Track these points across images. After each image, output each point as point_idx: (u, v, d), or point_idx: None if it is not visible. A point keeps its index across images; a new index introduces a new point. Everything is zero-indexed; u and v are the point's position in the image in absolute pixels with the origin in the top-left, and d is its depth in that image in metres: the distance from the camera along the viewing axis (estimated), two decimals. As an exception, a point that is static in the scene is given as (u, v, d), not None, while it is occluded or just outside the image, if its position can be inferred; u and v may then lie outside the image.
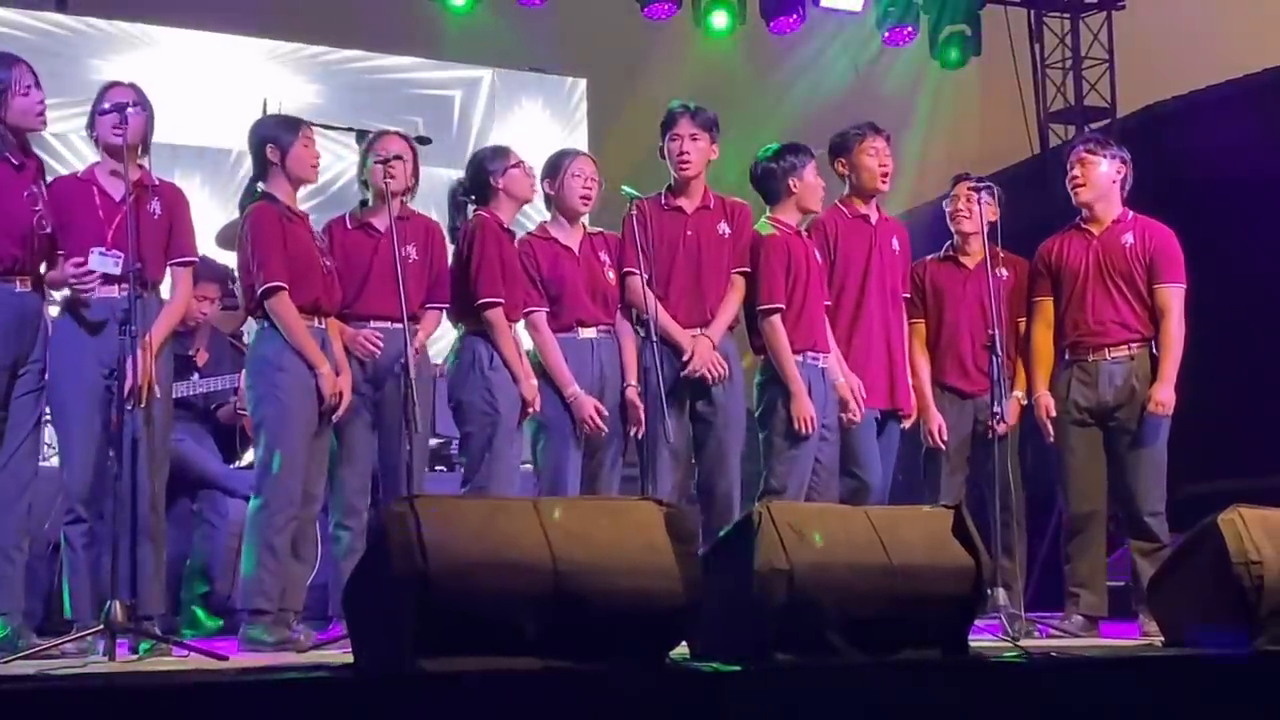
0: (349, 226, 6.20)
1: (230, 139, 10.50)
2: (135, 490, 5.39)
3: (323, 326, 5.92)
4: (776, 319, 6.43)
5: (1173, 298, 6.55)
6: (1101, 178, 6.66)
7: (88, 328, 5.60)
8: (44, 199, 5.63)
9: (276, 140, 5.99)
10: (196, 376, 7.20)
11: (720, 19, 11.09)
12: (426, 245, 6.20)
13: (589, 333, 6.35)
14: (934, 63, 11.80)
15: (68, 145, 9.96)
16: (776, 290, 6.44)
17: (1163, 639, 5.46)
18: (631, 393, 6.32)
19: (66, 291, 5.73)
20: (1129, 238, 6.61)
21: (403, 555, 3.99)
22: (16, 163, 5.58)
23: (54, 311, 5.93)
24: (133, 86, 5.79)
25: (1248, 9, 11.76)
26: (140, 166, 5.75)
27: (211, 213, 9.32)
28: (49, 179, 5.83)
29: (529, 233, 6.50)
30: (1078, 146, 6.88)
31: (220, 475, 7.28)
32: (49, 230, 5.62)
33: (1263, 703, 4.80)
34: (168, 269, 5.82)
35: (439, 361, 6.91)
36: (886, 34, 11.60)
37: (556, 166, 6.45)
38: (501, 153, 6.48)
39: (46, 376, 5.64)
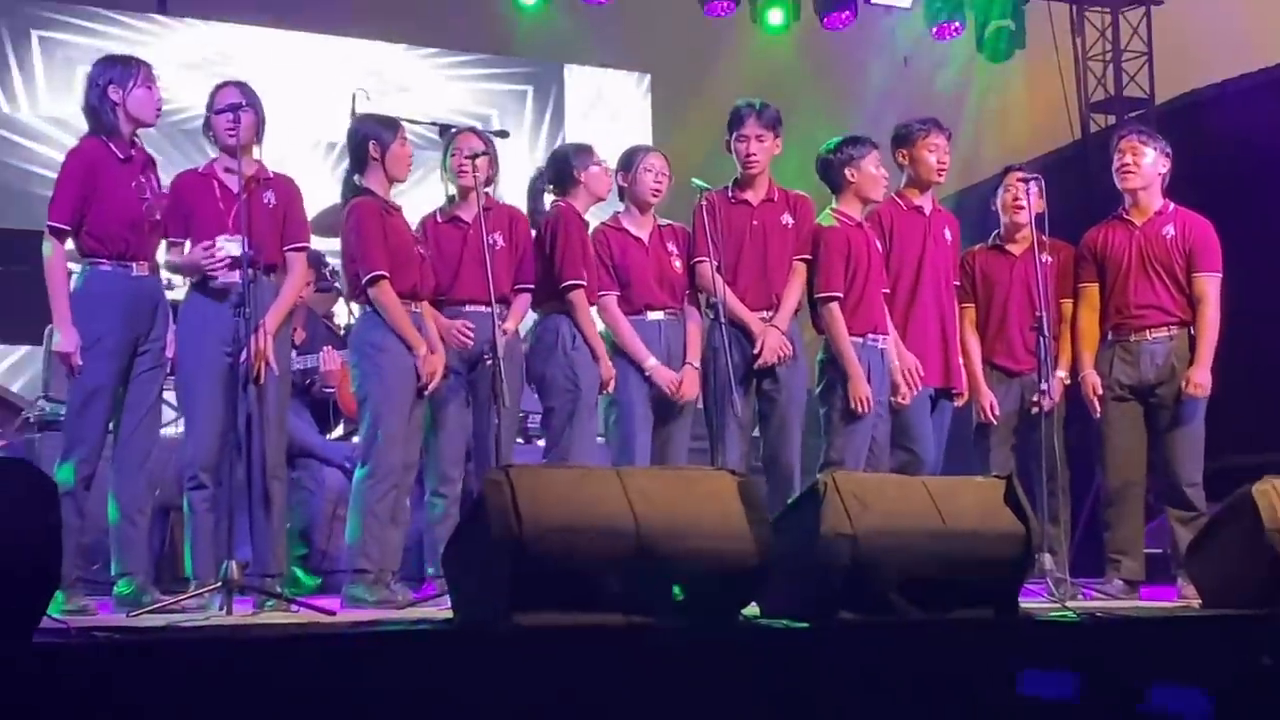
0: (439, 220, 6.27)
1: (321, 131, 10.68)
2: (254, 460, 5.51)
3: (419, 311, 5.99)
4: (834, 306, 6.46)
5: (1209, 286, 6.56)
6: (1149, 168, 6.67)
7: (211, 310, 5.68)
8: (150, 188, 5.70)
9: (379, 138, 6.05)
10: (294, 354, 7.30)
11: (776, 16, 11.13)
12: (511, 233, 6.25)
13: (656, 315, 6.40)
14: (980, 55, 11.83)
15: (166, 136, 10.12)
16: (835, 279, 6.46)
17: (1200, 602, 5.48)
18: (689, 370, 6.35)
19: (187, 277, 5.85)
20: (1170, 229, 6.62)
21: (500, 520, 4.07)
22: (123, 156, 5.65)
23: (173, 295, 6.08)
24: (242, 86, 5.86)
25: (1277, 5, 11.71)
26: (255, 160, 5.84)
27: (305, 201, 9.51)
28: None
29: (603, 223, 6.54)
30: (1129, 135, 6.84)
31: (317, 446, 7.35)
32: (158, 218, 5.70)
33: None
34: (284, 254, 5.88)
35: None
36: (935, 29, 11.61)
37: (630, 161, 6.51)
38: (585, 150, 6.53)
39: (169, 354, 5.73)
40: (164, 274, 5.99)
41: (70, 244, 5.67)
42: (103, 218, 5.57)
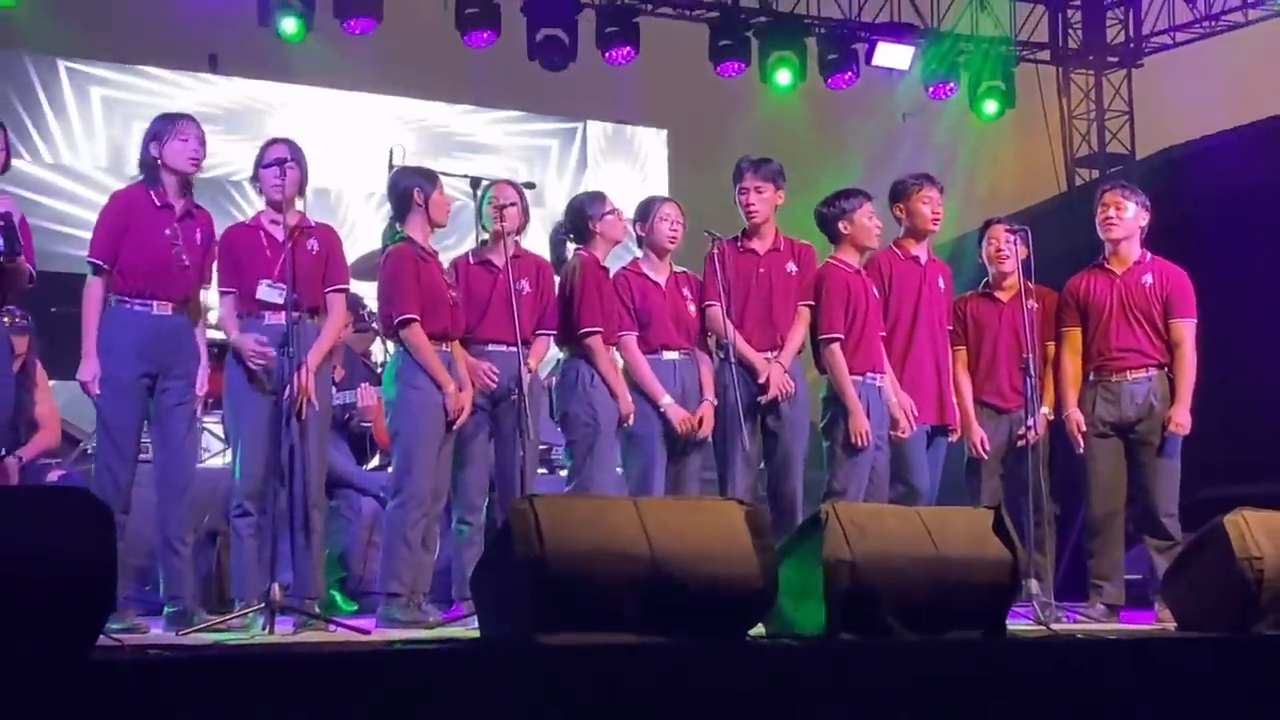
0: (471, 262, 6.29)
1: (358, 182, 10.74)
2: (296, 490, 5.53)
3: (448, 351, 6.00)
4: (835, 347, 6.47)
5: (1186, 331, 6.58)
6: (1130, 220, 6.67)
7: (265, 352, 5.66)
8: (185, 237, 5.65)
9: (421, 187, 6.06)
10: (334, 390, 7.32)
11: (784, 77, 11.21)
12: (537, 280, 6.27)
13: (672, 355, 6.41)
14: (973, 114, 11.87)
15: (214, 184, 10.17)
16: (835, 322, 6.48)
17: (1175, 625, 5.48)
18: (707, 406, 6.37)
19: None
20: (1149, 278, 6.63)
21: (524, 545, 4.09)
22: (160, 203, 5.63)
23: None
24: (288, 142, 5.89)
25: (1253, 66, 11.75)
26: (298, 211, 5.86)
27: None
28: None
29: (624, 267, 6.55)
30: (1112, 189, 6.84)
31: (354, 476, 7.37)
32: (188, 263, 5.64)
33: (1263, 680, 4.82)
34: (325, 296, 5.89)
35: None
36: (931, 89, 11.69)
37: (647, 210, 6.53)
38: (599, 198, 6.54)
39: (200, 391, 5.70)
40: (213, 315, 6.03)
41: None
42: (131, 258, 5.57)
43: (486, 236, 6.36)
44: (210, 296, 6.11)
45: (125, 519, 5.50)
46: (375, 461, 7.77)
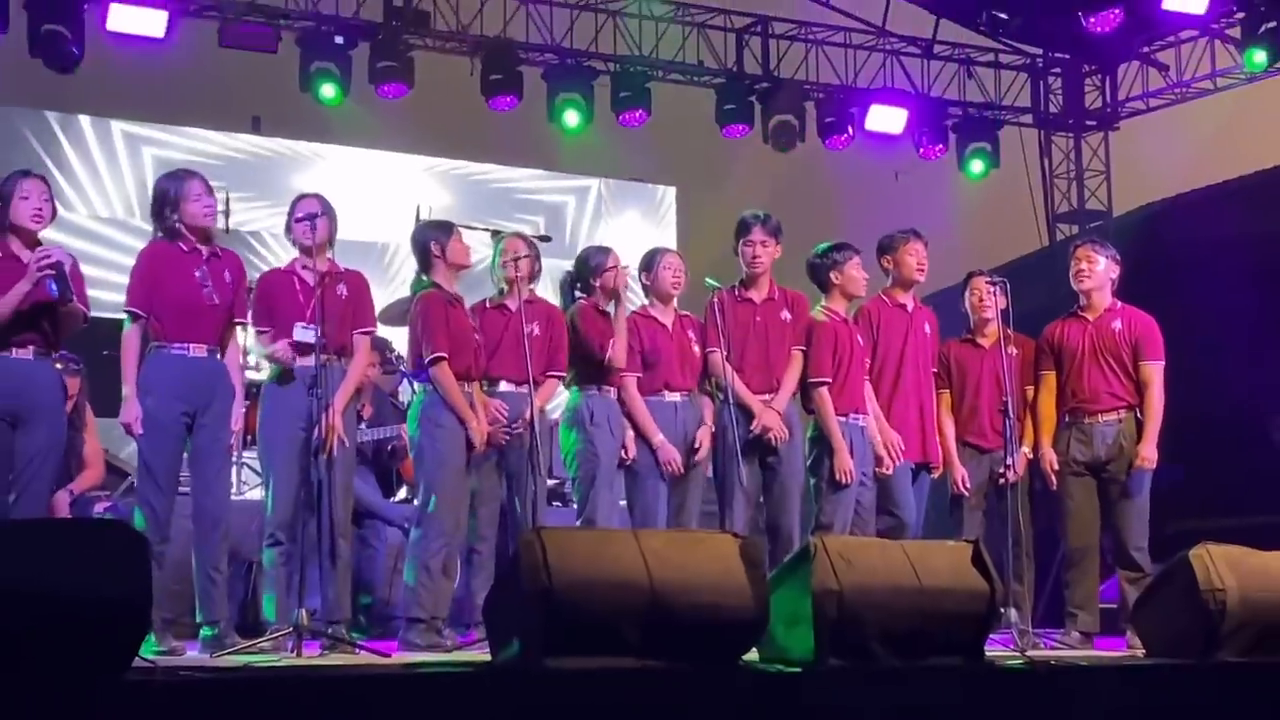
0: (487, 306, 6.27)
1: (387, 235, 10.78)
2: (323, 521, 5.53)
3: (470, 391, 5.99)
4: (824, 390, 6.46)
5: (1154, 373, 6.55)
6: (1101, 273, 6.66)
7: (289, 390, 5.70)
8: (215, 279, 5.63)
9: (437, 239, 6.09)
10: (363, 427, 7.23)
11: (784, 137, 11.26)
12: (548, 325, 6.25)
13: (675, 396, 6.38)
14: (961, 173, 11.90)
15: (260, 240, 10.26)
16: (823, 367, 6.46)
17: (1144, 651, 5.45)
18: (705, 430, 6.35)
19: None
20: (1118, 324, 6.60)
21: (532, 575, 4.08)
22: (187, 249, 5.62)
23: (256, 376, 6.08)
24: (319, 197, 5.92)
25: (1220, 130, 11.79)
26: (329, 259, 5.86)
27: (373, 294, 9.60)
28: (249, 269, 5.93)
29: (634, 311, 6.52)
30: (1084, 244, 6.84)
31: (381, 508, 7.33)
32: (218, 303, 5.63)
33: (1225, 704, 4.82)
34: (353, 336, 5.89)
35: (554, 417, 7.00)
36: (922, 150, 11.73)
37: (651, 261, 6.53)
38: (603, 253, 6.52)
39: (236, 427, 5.68)
40: (253, 357, 6.03)
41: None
42: (165, 305, 5.56)
43: (502, 285, 6.33)
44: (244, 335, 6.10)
45: (165, 548, 5.49)
46: (403, 494, 7.76)
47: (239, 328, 5.87)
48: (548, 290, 6.78)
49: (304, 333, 5.68)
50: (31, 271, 5.25)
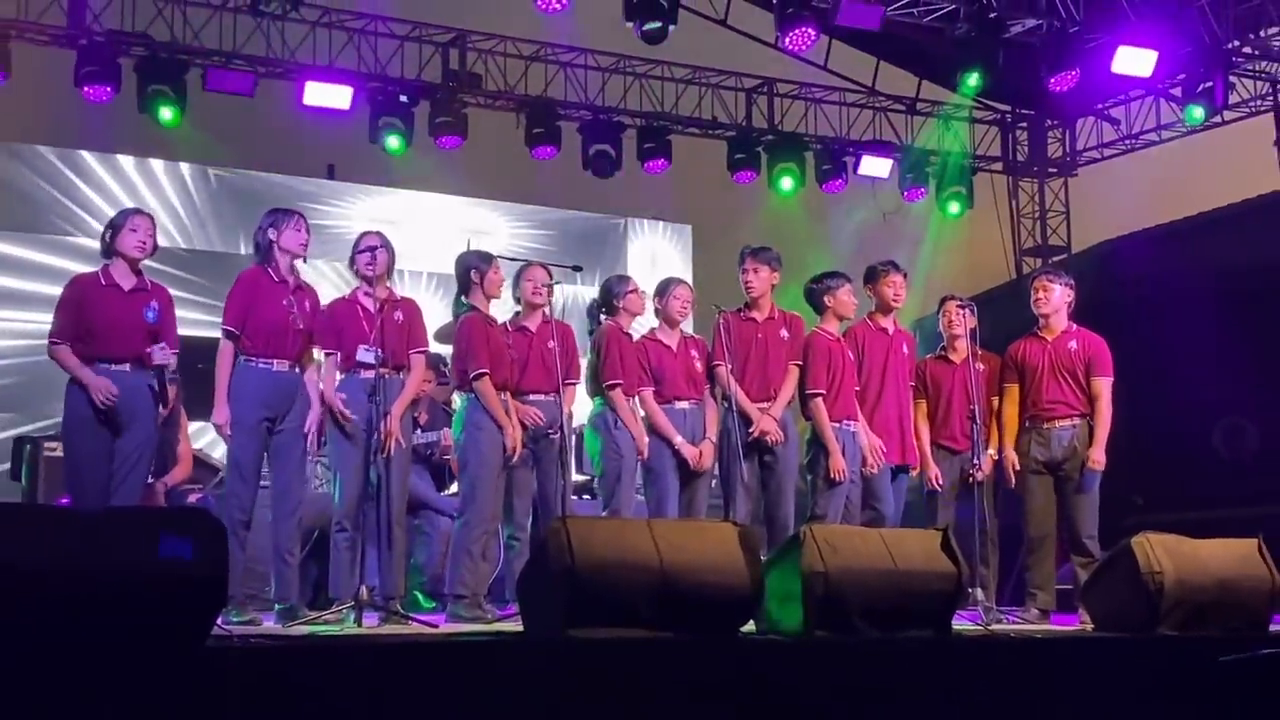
0: (509, 329, 6.20)
1: (443, 266, 10.76)
2: (382, 511, 5.51)
3: (506, 399, 5.98)
4: (818, 400, 6.43)
5: (1104, 387, 6.48)
6: (1057, 298, 6.60)
7: (354, 399, 5.66)
8: (299, 306, 5.66)
9: (478, 267, 6.06)
10: (419, 431, 7.30)
11: (786, 182, 11.25)
12: (563, 341, 6.20)
13: (683, 405, 6.34)
14: (939, 212, 11.88)
15: (337, 272, 10.26)
16: (818, 380, 6.44)
17: (1094, 626, 5.44)
18: (707, 444, 6.32)
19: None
20: (1074, 343, 6.54)
21: (558, 557, 4.10)
22: (278, 279, 5.64)
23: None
24: (379, 233, 5.90)
25: (1166, 177, 11.73)
26: (387, 288, 5.87)
27: (433, 317, 9.62)
28: (322, 298, 5.91)
29: (644, 335, 6.48)
30: (1040, 275, 6.81)
31: (434, 500, 7.36)
32: (301, 327, 5.65)
33: (1165, 672, 4.79)
34: (410, 356, 5.87)
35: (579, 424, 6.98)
36: (906, 192, 11.70)
37: (664, 290, 6.50)
38: (624, 280, 6.54)
39: (306, 430, 5.65)
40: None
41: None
42: (256, 325, 5.57)
43: (520, 309, 6.32)
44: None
45: (247, 535, 5.51)
46: (454, 488, 7.73)
47: (314, 348, 5.86)
48: (577, 313, 6.73)
49: (367, 354, 5.66)
50: (96, 392, 5.30)
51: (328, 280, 9.82)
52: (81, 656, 3.36)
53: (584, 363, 6.49)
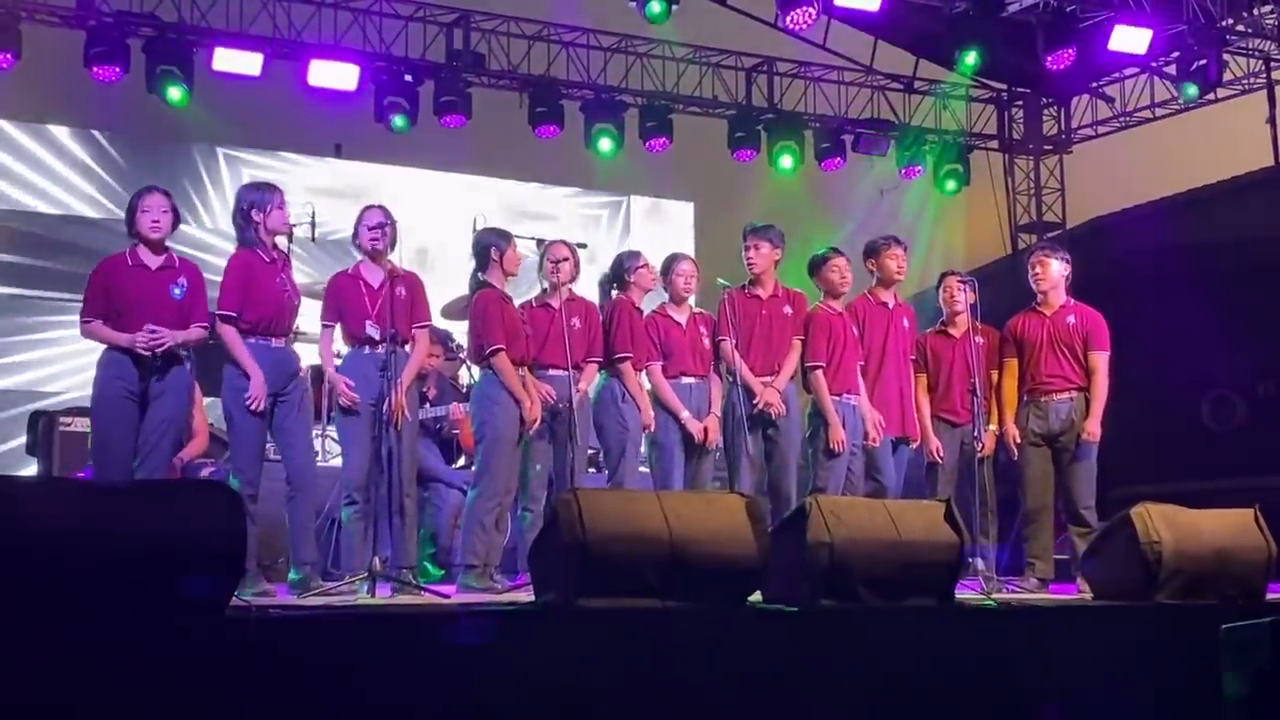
0: (534, 305, 6.24)
1: (446, 242, 10.74)
2: (392, 482, 5.48)
3: (523, 374, 5.97)
4: (819, 373, 6.43)
5: (1101, 361, 6.48)
6: (1055, 274, 6.59)
7: (362, 372, 5.66)
8: (291, 282, 5.63)
9: (497, 245, 6.03)
10: (428, 406, 7.28)
11: (786, 160, 11.16)
12: (586, 319, 6.22)
13: (689, 380, 6.35)
14: (936, 190, 11.84)
15: (341, 248, 10.21)
16: (819, 353, 6.44)
17: (1092, 595, 5.45)
18: (712, 419, 6.32)
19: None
20: (1072, 318, 6.54)
21: (569, 528, 4.11)
22: (268, 259, 5.57)
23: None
24: (383, 208, 5.83)
25: (1158, 153, 11.69)
26: (390, 263, 5.82)
27: (435, 293, 9.60)
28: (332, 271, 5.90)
29: (653, 311, 6.49)
30: (1037, 251, 6.79)
31: (443, 473, 7.34)
32: (297, 304, 5.63)
33: (1162, 639, 4.81)
34: (412, 330, 5.84)
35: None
36: (903, 170, 11.65)
37: (669, 267, 6.50)
38: (634, 255, 6.53)
39: (302, 400, 5.60)
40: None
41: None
42: (254, 306, 5.51)
43: (545, 286, 6.32)
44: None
45: (255, 508, 5.45)
46: (461, 461, 7.76)
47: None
48: (588, 290, 6.71)
49: (373, 328, 5.64)
50: (136, 343, 5.27)
51: (342, 258, 9.78)
52: (104, 626, 3.37)
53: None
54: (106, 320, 5.35)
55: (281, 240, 5.75)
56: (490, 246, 6.07)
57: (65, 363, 9.80)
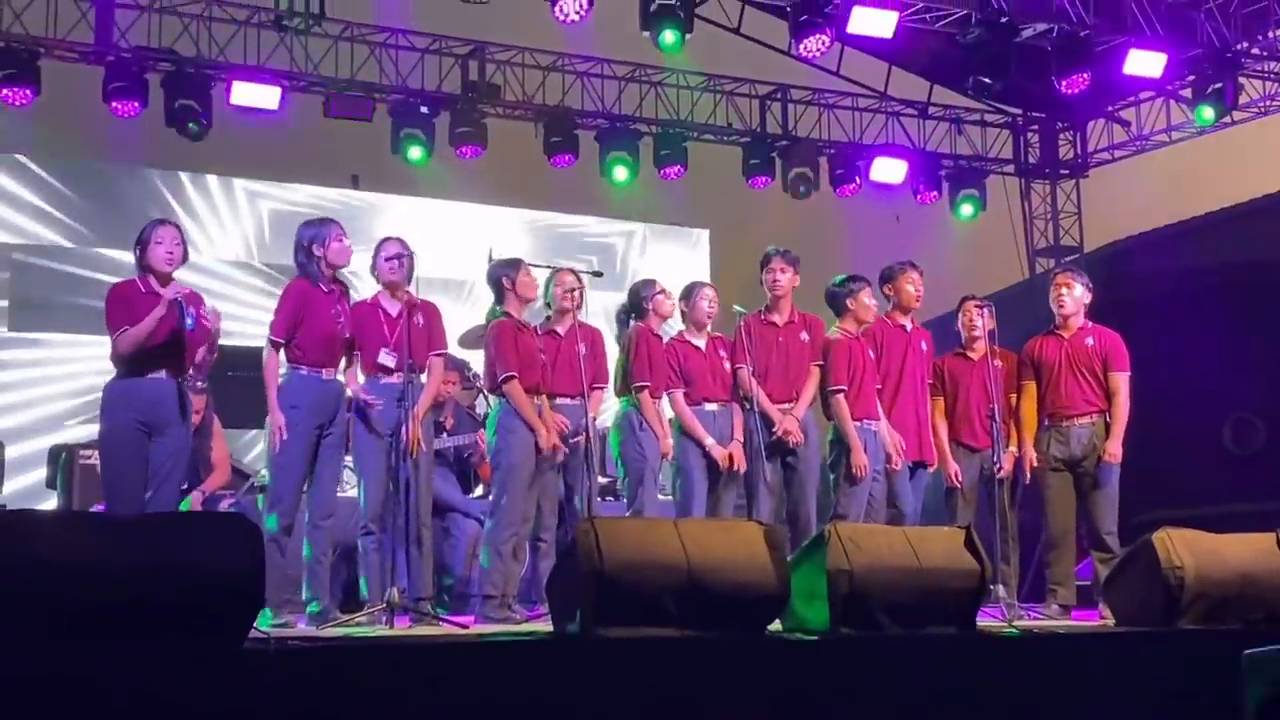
0: (539, 333, 6.18)
1: (464, 273, 10.78)
2: (409, 513, 5.47)
3: (539, 402, 5.95)
4: (840, 397, 6.41)
5: (1121, 382, 6.45)
6: (1078, 298, 6.57)
7: (375, 404, 5.67)
8: (345, 315, 5.70)
9: (507, 274, 6.05)
10: (445, 435, 7.27)
11: (801, 187, 11.18)
12: (592, 345, 6.20)
13: (712, 407, 6.33)
14: (953, 214, 11.83)
15: (357, 277, 10.25)
16: (840, 378, 6.42)
17: (1115, 621, 5.41)
18: (736, 445, 6.29)
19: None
20: (1091, 340, 6.51)
21: (587, 557, 4.10)
22: (326, 290, 5.66)
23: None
24: (400, 240, 5.88)
25: (1174, 177, 11.67)
26: (408, 293, 5.84)
27: (452, 323, 9.61)
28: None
29: (673, 338, 6.48)
30: (1063, 273, 6.76)
31: (460, 503, 7.29)
32: (348, 336, 5.71)
33: (1184, 665, 4.78)
34: (428, 358, 5.85)
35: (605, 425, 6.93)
36: (919, 196, 11.65)
37: (690, 293, 6.49)
38: (650, 284, 6.52)
39: (343, 435, 5.64)
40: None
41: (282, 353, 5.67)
42: (306, 337, 5.57)
43: (551, 313, 6.30)
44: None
45: (288, 540, 5.49)
46: (479, 491, 7.74)
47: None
48: (595, 318, 6.71)
49: (389, 357, 5.66)
50: (165, 299, 5.29)
51: (360, 288, 9.81)
52: (122, 658, 3.36)
53: (612, 366, 6.46)
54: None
55: (344, 273, 5.76)
56: (501, 278, 6.09)
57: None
